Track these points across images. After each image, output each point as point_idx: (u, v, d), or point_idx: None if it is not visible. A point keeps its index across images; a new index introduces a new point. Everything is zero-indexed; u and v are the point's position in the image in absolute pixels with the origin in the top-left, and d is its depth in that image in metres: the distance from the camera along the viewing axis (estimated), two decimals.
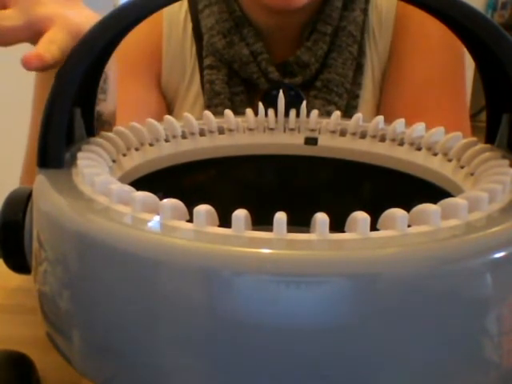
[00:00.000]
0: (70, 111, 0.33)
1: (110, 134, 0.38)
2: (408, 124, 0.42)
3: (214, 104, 0.65)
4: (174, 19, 0.70)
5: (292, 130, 0.45)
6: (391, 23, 0.68)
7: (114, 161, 0.36)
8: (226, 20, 0.65)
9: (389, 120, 0.43)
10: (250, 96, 0.65)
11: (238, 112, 0.55)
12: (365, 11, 0.66)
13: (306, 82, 0.64)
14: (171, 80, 0.70)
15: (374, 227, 0.24)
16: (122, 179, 0.35)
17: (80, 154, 0.32)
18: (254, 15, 0.66)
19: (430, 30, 0.67)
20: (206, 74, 0.66)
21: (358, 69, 0.66)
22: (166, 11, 0.70)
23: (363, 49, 0.66)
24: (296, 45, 0.65)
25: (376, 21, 0.68)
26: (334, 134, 0.44)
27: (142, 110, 0.66)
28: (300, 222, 0.27)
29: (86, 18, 0.39)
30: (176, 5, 0.70)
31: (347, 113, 0.65)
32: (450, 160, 0.38)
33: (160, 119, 0.42)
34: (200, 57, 0.68)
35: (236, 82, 0.65)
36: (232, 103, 0.65)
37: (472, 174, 0.34)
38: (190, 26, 0.69)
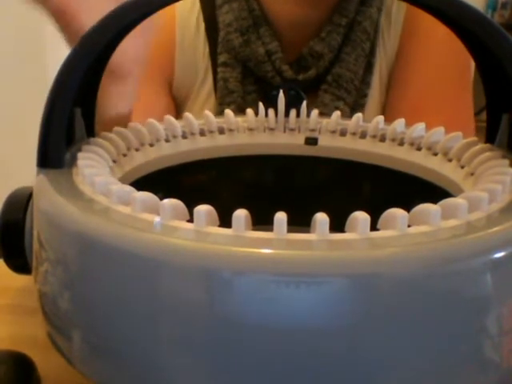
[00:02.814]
0: (70, 111, 0.33)
1: (110, 134, 0.38)
2: (411, 125, 0.42)
3: (226, 102, 0.65)
4: (187, 21, 0.70)
5: (292, 129, 0.45)
6: (400, 25, 0.68)
7: (114, 161, 0.36)
8: (244, 18, 0.65)
9: (395, 120, 0.43)
10: (262, 94, 0.65)
11: None
12: (379, 10, 0.67)
13: (319, 76, 0.64)
14: (184, 82, 0.70)
15: (374, 227, 0.24)
16: (122, 179, 0.35)
17: (80, 154, 0.32)
18: (275, 12, 0.66)
19: (438, 32, 0.67)
20: (220, 72, 0.66)
21: (368, 67, 0.66)
22: (178, 13, 0.70)
23: (374, 48, 0.66)
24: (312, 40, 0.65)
25: (386, 22, 0.68)
26: (334, 134, 0.44)
27: (150, 114, 0.66)
28: (300, 221, 0.27)
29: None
30: (188, 6, 0.70)
31: (354, 110, 0.65)
32: (450, 160, 0.38)
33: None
34: (213, 57, 0.68)
35: (249, 81, 0.66)
36: (244, 102, 0.65)
37: (472, 174, 0.34)
38: (202, 26, 0.69)
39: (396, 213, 0.24)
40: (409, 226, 0.24)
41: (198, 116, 0.54)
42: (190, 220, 0.25)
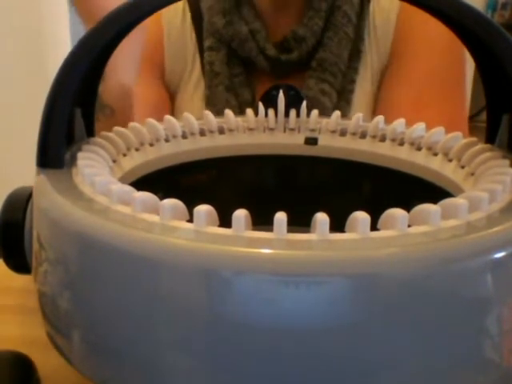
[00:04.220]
0: (70, 111, 0.33)
1: (109, 134, 0.38)
2: (407, 120, 0.42)
3: (214, 84, 0.67)
4: (173, 11, 0.72)
5: (292, 129, 0.45)
6: (393, 23, 0.69)
7: (114, 161, 0.36)
8: (225, 0, 0.67)
9: (389, 115, 0.43)
10: (249, 77, 0.67)
11: (238, 92, 0.55)
12: None
13: (302, 59, 0.66)
14: (175, 69, 0.72)
15: (374, 227, 0.24)
16: (122, 179, 0.35)
17: (80, 154, 0.32)
18: None
19: (431, 31, 0.68)
20: (206, 56, 0.68)
21: (355, 54, 0.67)
22: None
23: (361, 34, 0.68)
24: (295, 24, 0.67)
25: (380, 20, 0.69)
26: (334, 134, 0.44)
27: (140, 102, 0.68)
28: (300, 222, 0.27)
29: None
30: None
31: (343, 95, 0.66)
32: (450, 160, 0.38)
33: (157, 111, 0.42)
34: (200, 43, 0.70)
35: (235, 63, 0.67)
36: (231, 83, 0.66)
37: (472, 174, 0.34)
38: (188, 15, 0.71)
39: (396, 213, 0.24)
40: (409, 226, 0.24)
41: (189, 103, 0.52)
42: (190, 220, 0.25)
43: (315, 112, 0.45)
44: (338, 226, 0.25)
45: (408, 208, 0.25)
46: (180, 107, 0.71)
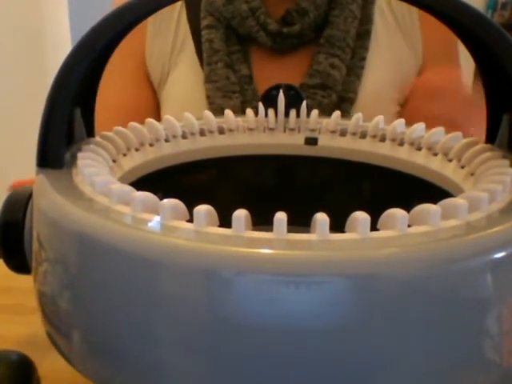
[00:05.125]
0: (70, 111, 0.33)
1: (109, 134, 0.38)
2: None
3: (213, 61, 0.68)
4: None
5: (292, 130, 0.45)
6: (415, 9, 0.70)
7: (114, 161, 0.36)
8: None
9: None
10: (246, 55, 0.69)
11: (235, 69, 0.54)
12: None
13: (304, 33, 0.67)
14: (160, 57, 0.72)
15: (374, 227, 0.24)
16: (122, 179, 0.35)
17: (80, 154, 0.32)
18: None
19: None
20: (205, 34, 0.69)
21: (364, 33, 0.69)
22: None
23: (368, 15, 0.70)
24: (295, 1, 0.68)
25: (397, 4, 0.70)
26: (334, 134, 0.44)
27: (121, 108, 0.70)
28: (300, 221, 0.27)
29: None
30: None
31: (353, 71, 0.68)
32: (450, 160, 0.38)
33: (139, 114, 0.42)
34: (192, 23, 0.71)
35: (233, 42, 0.69)
36: (230, 60, 0.68)
37: (472, 174, 0.34)
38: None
39: (396, 213, 0.24)
40: (409, 226, 0.24)
41: (182, 84, 0.51)
42: (190, 220, 0.25)
43: (315, 112, 0.45)
44: (338, 225, 0.25)
45: (408, 208, 0.25)
46: (173, 90, 0.72)
